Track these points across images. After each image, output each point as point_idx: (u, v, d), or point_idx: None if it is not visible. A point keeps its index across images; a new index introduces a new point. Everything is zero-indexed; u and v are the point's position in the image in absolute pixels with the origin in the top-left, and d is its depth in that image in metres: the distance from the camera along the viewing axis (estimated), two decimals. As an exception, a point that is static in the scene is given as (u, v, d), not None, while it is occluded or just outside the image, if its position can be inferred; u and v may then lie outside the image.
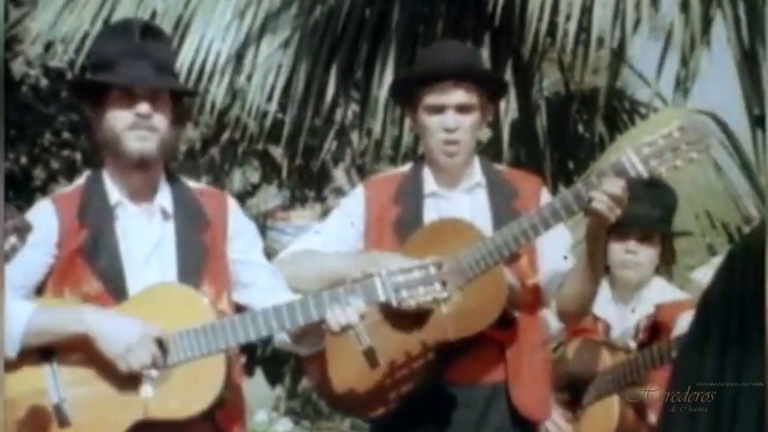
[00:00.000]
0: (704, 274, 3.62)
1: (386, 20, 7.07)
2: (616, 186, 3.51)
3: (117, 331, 3.25)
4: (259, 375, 9.96)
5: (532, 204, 3.79)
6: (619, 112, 7.81)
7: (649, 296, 4.37)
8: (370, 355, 3.62)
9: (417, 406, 3.75)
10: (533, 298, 3.85)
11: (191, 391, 3.29)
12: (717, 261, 3.16)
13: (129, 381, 3.27)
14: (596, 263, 3.73)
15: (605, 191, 3.52)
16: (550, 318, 4.05)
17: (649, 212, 4.28)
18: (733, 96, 6.74)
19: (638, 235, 4.32)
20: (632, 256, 4.33)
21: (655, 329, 4.33)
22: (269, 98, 7.21)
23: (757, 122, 5.20)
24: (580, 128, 7.79)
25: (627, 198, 3.55)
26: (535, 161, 7.19)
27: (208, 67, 7.19)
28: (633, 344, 4.35)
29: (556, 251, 3.85)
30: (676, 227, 4.50)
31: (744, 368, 2.81)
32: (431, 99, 3.83)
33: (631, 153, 3.54)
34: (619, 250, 4.34)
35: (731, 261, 2.93)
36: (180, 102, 3.49)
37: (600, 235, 3.67)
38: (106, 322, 3.26)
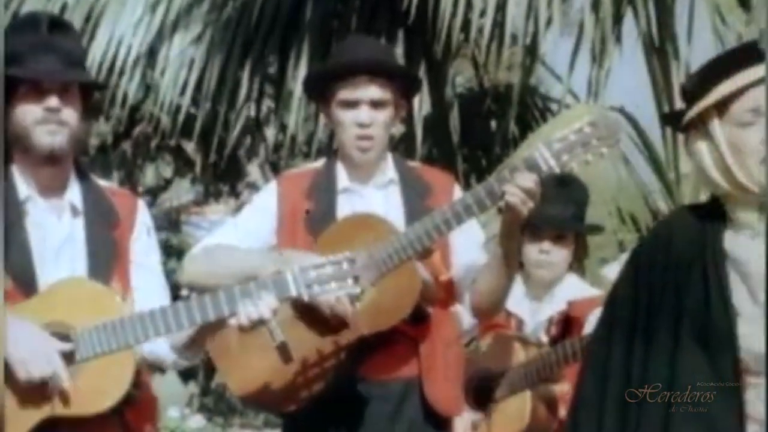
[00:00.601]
0: (614, 271, 3.65)
1: (300, 15, 7.06)
2: (528, 180, 3.53)
3: (23, 337, 3.21)
4: (171, 372, 9.89)
5: (445, 200, 3.79)
6: (532, 108, 7.87)
7: (562, 293, 4.40)
8: (284, 351, 3.61)
9: (331, 401, 3.74)
10: (446, 294, 3.86)
11: (99, 388, 3.25)
12: (626, 257, 3.19)
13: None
14: (510, 259, 3.74)
15: (518, 185, 3.53)
16: (463, 313, 4.06)
17: (562, 212, 4.31)
18: (644, 92, 6.82)
19: (552, 235, 4.35)
20: (546, 256, 4.36)
21: (567, 325, 4.36)
22: (182, 93, 7.17)
23: (665, 119, 5.26)
24: (493, 125, 7.83)
25: (539, 192, 3.57)
26: (447, 157, 7.22)
27: (120, 62, 7.13)
28: (545, 339, 4.38)
29: (469, 246, 3.86)
30: (588, 222, 4.53)
31: (650, 363, 2.84)
32: (345, 94, 3.82)
33: (543, 148, 3.56)
34: (533, 251, 4.36)
35: (637, 257, 2.96)
36: (90, 96, 3.45)
37: (513, 230, 3.69)
38: (14, 327, 3.22)
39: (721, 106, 2.77)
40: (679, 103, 6.32)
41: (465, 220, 3.65)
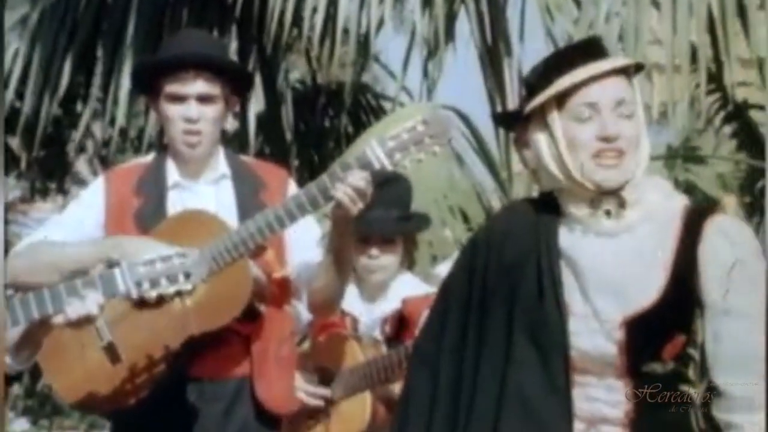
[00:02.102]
0: (445, 269, 3.66)
1: (128, 6, 6.94)
2: (360, 178, 3.52)
3: None
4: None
5: (279, 196, 3.78)
6: (366, 106, 7.89)
7: (396, 291, 4.40)
8: (111, 351, 3.55)
9: (160, 401, 3.69)
10: (280, 292, 3.83)
11: None
12: (456, 255, 3.20)
13: None
14: (343, 258, 3.73)
15: (350, 184, 3.52)
16: (301, 310, 4.03)
17: (386, 215, 4.28)
18: (477, 91, 6.89)
19: (378, 240, 4.34)
20: (376, 260, 4.36)
21: (401, 323, 4.36)
22: (5, 86, 6.98)
23: (495, 118, 5.32)
24: (327, 121, 7.83)
25: (371, 191, 3.56)
26: (281, 153, 7.19)
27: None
28: (381, 338, 4.38)
29: (305, 243, 3.85)
30: (416, 219, 4.53)
31: (481, 358, 2.85)
32: (172, 88, 3.78)
33: (376, 146, 3.55)
34: (362, 257, 4.35)
35: (470, 250, 2.97)
36: None
37: (345, 229, 3.67)
38: None
39: (561, 99, 2.79)
40: (511, 102, 6.43)
41: (299, 218, 3.63)
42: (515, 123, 4.19)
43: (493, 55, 6.76)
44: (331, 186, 3.56)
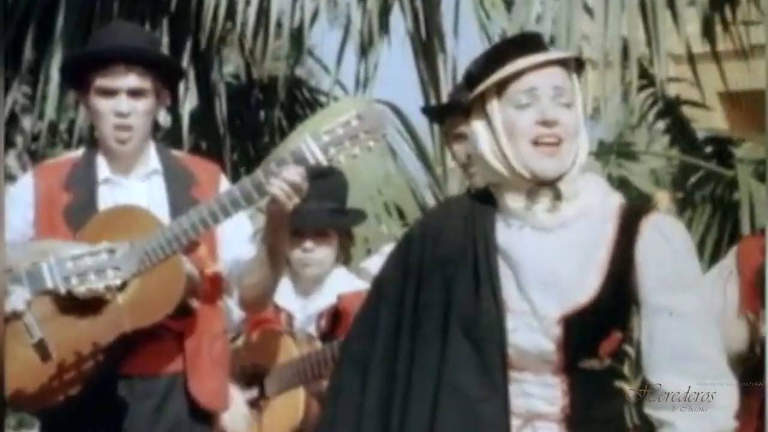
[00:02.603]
0: (376, 263, 3.66)
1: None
2: (294, 173, 3.50)
3: None
4: None
5: (211, 191, 3.76)
6: (301, 100, 7.87)
7: (331, 286, 4.39)
8: (41, 348, 3.52)
9: (92, 399, 3.66)
10: (213, 288, 3.81)
11: None
12: (389, 249, 3.19)
13: None
14: (277, 253, 3.71)
15: (284, 179, 3.50)
16: (233, 307, 4.01)
17: (320, 208, 4.27)
18: (412, 86, 6.90)
19: (313, 233, 4.32)
20: (310, 254, 4.35)
21: (336, 318, 4.35)
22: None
23: (425, 111, 5.33)
24: (262, 115, 7.80)
25: (306, 186, 3.55)
26: (215, 148, 7.15)
27: None
28: (316, 334, 4.37)
29: (238, 239, 3.83)
30: (351, 214, 4.52)
31: (417, 355, 2.84)
32: (102, 82, 3.75)
33: (311, 141, 3.54)
34: (296, 250, 4.33)
35: (408, 242, 2.96)
36: None
37: (279, 224, 3.65)
38: None
39: (500, 89, 2.81)
40: (446, 97, 6.43)
41: (232, 214, 3.60)
42: (445, 116, 4.21)
43: (427, 50, 6.77)
44: (266, 181, 3.54)
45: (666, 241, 2.79)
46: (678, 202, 6.71)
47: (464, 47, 6.67)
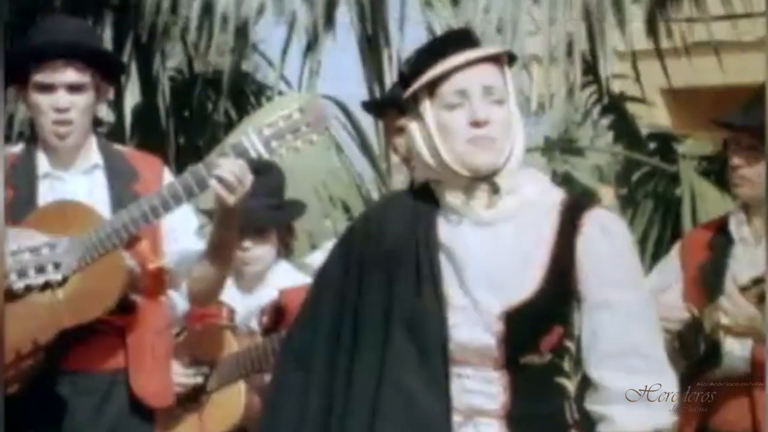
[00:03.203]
0: (319, 258, 3.66)
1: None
2: (236, 167, 3.50)
3: None
4: None
5: (154, 186, 3.73)
6: (247, 94, 7.85)
7: (273, 281, 4.39)
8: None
9: (32, 395, 3.64)
10: (155, 282, 3.77)
11: None
12: (330, 245, 3.19)
13: None
14: (222, 248, 3.71)
15: (225, 171, 3.50)
16: (177, 300, 3.99)
17: (258, 205, 4.25)
18: (358, 81, 6.90)
19: (251, 232, 4.31)
20: (249, 252, 4.33)
21: (279, 313, 4.34)
22: None
23: (364, 106, 5.32)
24: (209, 108, 7.77)
25: (248, 180, 3.54)
26: (159, 142, 7.11)
27: None
28: (257, 329, 4.36)
29: (182, 233, 3.81)
30: (288, 208, 4.50)
31: (357, 351, 2.83)
32: (41, 77, 3.72)
33: (252, 134, 3.53)
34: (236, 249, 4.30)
35: (350, 237, 2.95)
36: None
37: (225, 219, 3.65)
38: None
39: (432, 89, 2.81)
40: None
41: (174, 208, 3.59)
42: (385, 111, 4.21)
43: (372, 45, 6.77)
44: (207, 174, 3.52)
45: (606, 236, 2.80)
46: (621, 198, 6.75)
47: (409, 41, 6.68)
